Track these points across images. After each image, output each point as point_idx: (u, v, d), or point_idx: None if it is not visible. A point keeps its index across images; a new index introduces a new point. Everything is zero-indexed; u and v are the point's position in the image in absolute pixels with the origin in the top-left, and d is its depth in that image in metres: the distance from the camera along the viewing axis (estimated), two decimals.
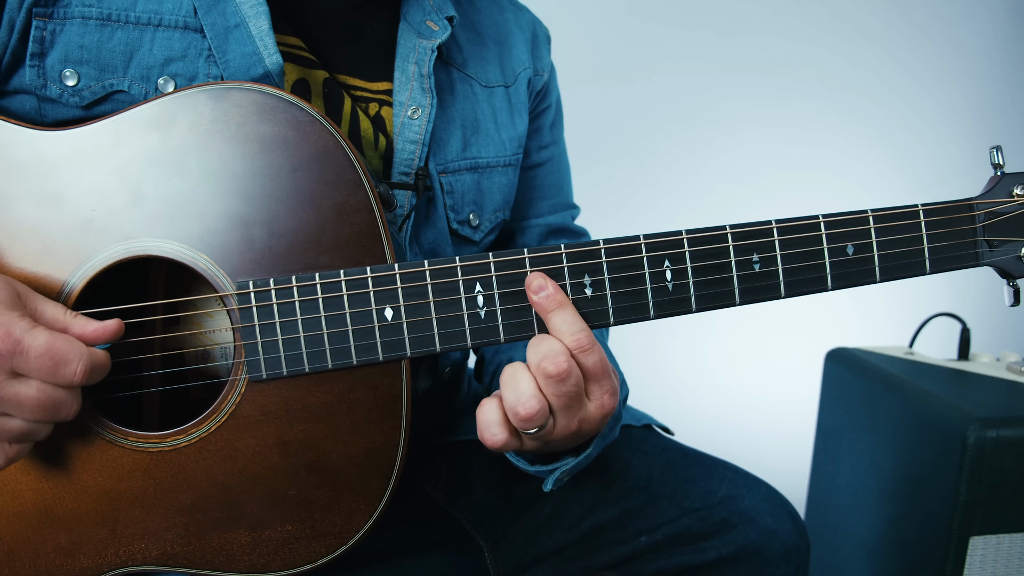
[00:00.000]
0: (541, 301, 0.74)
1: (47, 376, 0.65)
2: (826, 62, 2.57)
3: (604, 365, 0.74)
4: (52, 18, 0.79)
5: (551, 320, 0.74)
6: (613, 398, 0.76)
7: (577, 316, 0.74)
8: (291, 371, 0.74)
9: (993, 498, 1.24)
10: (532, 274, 0.75)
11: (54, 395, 0.66)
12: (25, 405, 0.65)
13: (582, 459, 0.85)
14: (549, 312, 0.74)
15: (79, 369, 0.66)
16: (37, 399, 0.65)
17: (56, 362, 0.65)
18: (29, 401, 0.65)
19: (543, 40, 1.14)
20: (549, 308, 0.74)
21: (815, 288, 0.80)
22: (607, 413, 0.76)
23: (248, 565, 0.76)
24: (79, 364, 0.66)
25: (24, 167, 0.73)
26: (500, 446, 0.74)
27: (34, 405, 0.65)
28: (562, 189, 1.18)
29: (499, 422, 0.74)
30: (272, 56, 0.82)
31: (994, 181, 0.85)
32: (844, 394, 1.66)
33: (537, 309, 0.75)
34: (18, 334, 0.64)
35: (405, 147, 0.93)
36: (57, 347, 0.65)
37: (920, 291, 2.36)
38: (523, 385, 0.72)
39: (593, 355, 0.73)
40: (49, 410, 0.66)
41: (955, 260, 0.84)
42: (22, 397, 0.65)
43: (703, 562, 0.97)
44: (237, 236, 0.73)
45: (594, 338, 0.74)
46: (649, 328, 1.14)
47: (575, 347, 0.73)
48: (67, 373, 0.65)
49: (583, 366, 0.73)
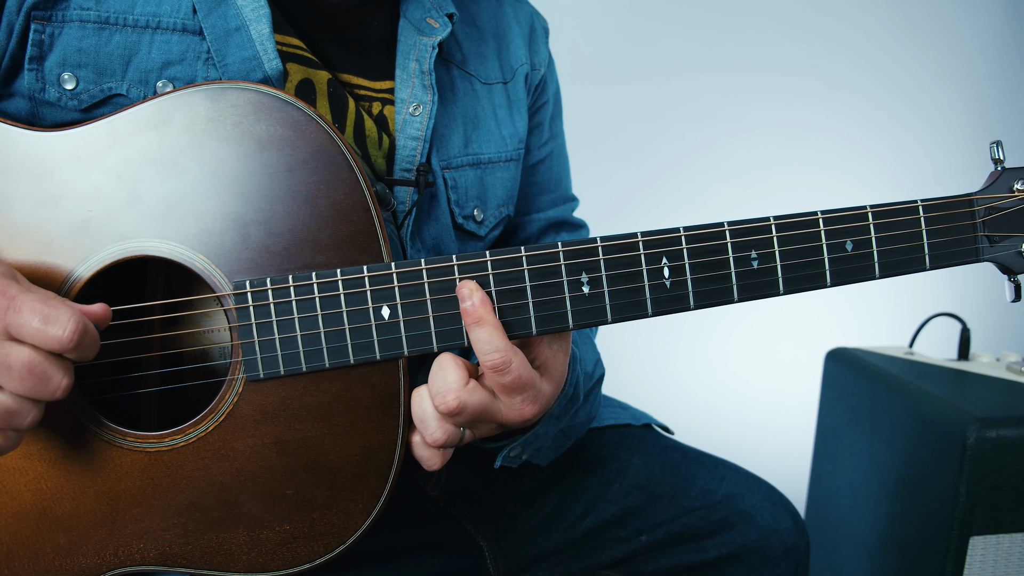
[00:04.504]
0: (463, 312, 0.73)
1: (38, 333, 0.63)
2: (826, 61, 2.58)
3: (521, 381, 0.73)
4: (51, 21, 0.79)
5: (471, 333, 0.73)
6: (534, 405, 0.75)
7: (496, 333, 0.72)
8: (288, 371, 0.74)
9: (993, 498, 1.23)
10: (464, 281, 0.73)
11: (44, 363, 0.64)
12: (14, 369, 0.63)
13: (530, 435, 0.85)
14: (469, 326, 0.73)
15: (70, 326, 0.64)
16: (27, 363, 0.63)
17: (47, 318, 0.63)
18: (18, 364, 0.63)
19: (540, 33, 1.14)
20: (468, 322, 0.73)
21: (814, 285, 0.79)
22: (528, 418, 0.75)
23: (247, 564, 0.76)
24: (70, 321, 0.64)
25: (21, 168, 0.73)
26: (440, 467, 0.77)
27: (23, 370, 0.63)
28: (561, 183, 1.18)
29: (421, 444, 0.76)
30: (272, 61, 0.82)
31: (994, 176, 0.84)
32: (844, 394, 1.66)
33: (463, 318, 0.73)
34: (12, 292, 0.64)
35: (407, 144, 0.93)
36: (49, 303, 0.64)
37: (920, 291, 2.36)
38: (427, 414, 0.74)
39: (508, 375, 0.72)
40: (38, 378, 0.64)
41: (955, 256, 0.83)
42: (12, 359, 0.63)
43: (703, 561, 0.97)
44: (234, 236, 0.73)
45: (511, 355, 0.72)
46: (649, 327, 1.14)
47: (490, 366, 0.71)
48: (57, 330, 0.63)
49: (498, 384, 0.73)
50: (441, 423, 0.73)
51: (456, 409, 0.71)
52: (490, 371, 0.72)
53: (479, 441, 0.87)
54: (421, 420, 0.74)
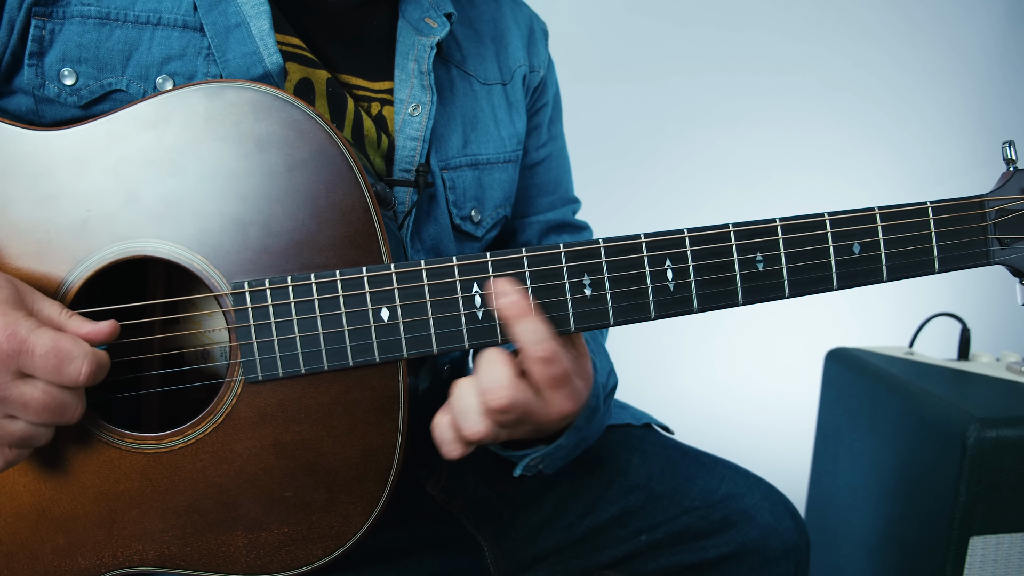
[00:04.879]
0: (504, 308, 0.71)
1: (52, 375, 0.65)
2: (826, 61, 2.57)
3: (566, 374, 0.72)
4: (51, 17, 0.79)
5: (515, 328, 0.71)
6: (573, 402, 0.74)
7: (542, 324, 0.71)
8: (287, 372, 0.74)
9: (993, 498, 1.23)
10: (499, 279, 0.72)
11: (59, 397, 0.66)
12: (30, 406, 0.65)
13: (553, 448, 0.84)
14: (513, 319, 0.71)
15: (84, 368, 0.65)
16: (42, 400, 0.65)
17: (61, 360, 0.64)
18: (34, 402, 0.65)
19: (540, 35, 1.13)
20: (513, 316, 0.71)
21: (820, 288, 0.77)
22: (565, 415, 0.74)
23: (245, 567, 0.76)
24: (84, 363, 0.65)
25: (19, 167, 0.72)
26: (459, 457, 0.74)
27: (39, 406, 0.65)
28: (561, 185, 1.17)
29: (452, 440, 0.73)
30: (272, 56, 0.82)
31: (1006, 177, 0.82)
32: (844, 394, 1.65)
33: (500, 316, 0.72)
34: (23, 334, 0.64)
35: (406, 144, 0.92)
36: (62, 346, 0.65)
37: (920, 291, 2.35)
38: (469, 407, 0.71)
39: (556, 367, 0.71)
40: (53, 412, 0.66)
41: (965, 259, 0.80)
42: (27, 398, 0.65)
43: (703, 560, 0.97)
44: (233, 236, 0.73)
45: (558, 347, 0.71)
46: (649, 328, 1.14)
47: (540, 358, 0.70)
48: (72, 371, 0.65)
49: (545, 377, 0.71)
50: (483, 417, 0.71)
51: (507, 406, 0.70)
52: (539, 363, 0.70)
53: (499, 448, 0.87)
54: (462, 412, 0.72)
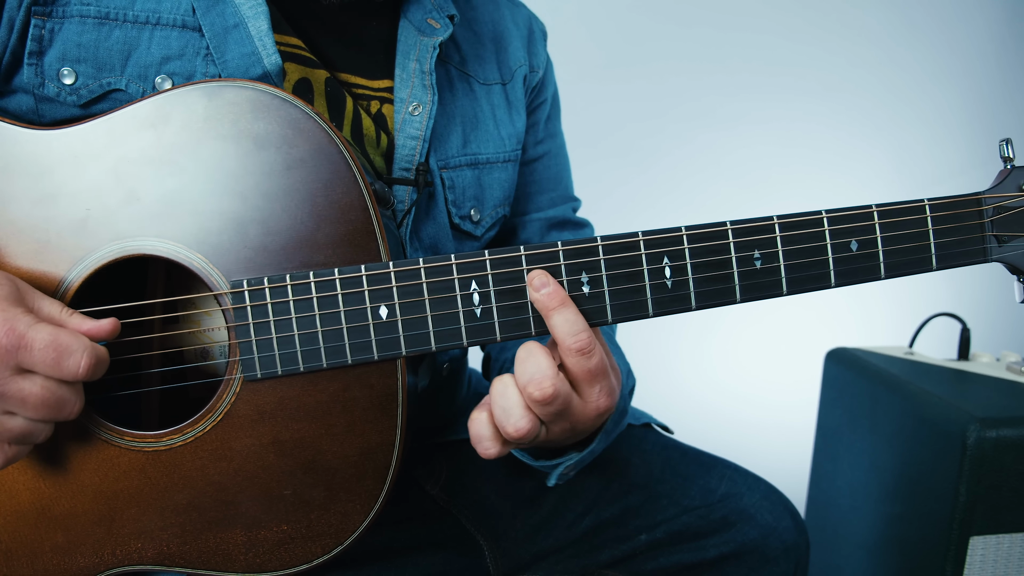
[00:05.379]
0: (542, 299, 0.72)
1: (51, 369, 0.65)
2: (825, 62, 2.58)
3: (603, 366, 0.73)
4: (51, 17, 0.79)
5: (552, 319, 0.72)
6: (610, 398, 0.75)
7: (579, 316, 0.72)
8: (285, 370, 0.74)
9: (993, 498, 1.23)
10: (534, 271, 0.73)
11: (58, 392, 0.66)
12: (28, 402, 0.65)
13: (586, 454, 0.85)
14: (550, 311, 0.72)
15: (83, 362, 0.65)
16: (41, 396, 0.65)
17: (60, 354, 0.64)
18: (33, 398, 0.65)
19: (539, 36, 1.14)
20: (550, 306, 0.72)
21: (818, 285, 0.78)
22: (602, 412, 0.75)
23: (244, 565, 0.76)
24: (83, 357, 0.65)
25: (19, 166, 0.72)
26: (495, 456, 0.74)
27: (37, 402, 0.65)
28: (560, 182, 1.17)
29: (491, 436, 0.73)
30: (271, 56, 0.82)
31: (1003, 175, 0.82)
32: (844, 394, 1.65)
33: (538, 307, 0.73)
34: (22, 329, 0.64)
35: (406, 143, 0.93)
36: (61, 340, 0.65)
37: (920, 291, 2.35)
38: (511, 402, 0.71)
39: (593, 358, 0.72)
40: (52, 408, 0.66)
41: (962, 256, 0.81)
42: (26, 393, 0.65)
43: (703, 560, 0.97)
44: (232, 235, 0.73)
45: (595, 339, 0.72)
46: (649, 326, 1.14)
47: (576, 349, 0.71)
48: (71, 365, 0.65)
49: (582, 370, 0.72)
50: (526, 412, 0.71)
51: (551, 397, 0.70)
52: (576, 354, 0.71)
53: (531, 460, 0.86)
54: (504, 409, 0.71)
